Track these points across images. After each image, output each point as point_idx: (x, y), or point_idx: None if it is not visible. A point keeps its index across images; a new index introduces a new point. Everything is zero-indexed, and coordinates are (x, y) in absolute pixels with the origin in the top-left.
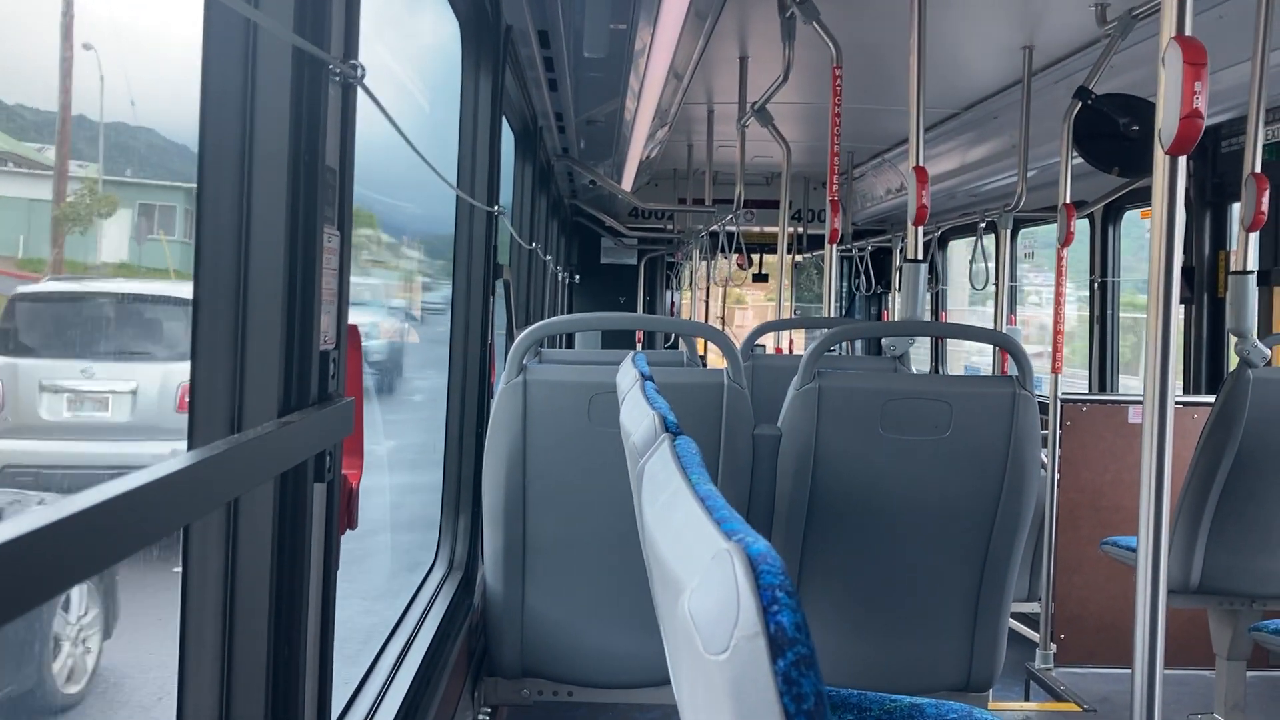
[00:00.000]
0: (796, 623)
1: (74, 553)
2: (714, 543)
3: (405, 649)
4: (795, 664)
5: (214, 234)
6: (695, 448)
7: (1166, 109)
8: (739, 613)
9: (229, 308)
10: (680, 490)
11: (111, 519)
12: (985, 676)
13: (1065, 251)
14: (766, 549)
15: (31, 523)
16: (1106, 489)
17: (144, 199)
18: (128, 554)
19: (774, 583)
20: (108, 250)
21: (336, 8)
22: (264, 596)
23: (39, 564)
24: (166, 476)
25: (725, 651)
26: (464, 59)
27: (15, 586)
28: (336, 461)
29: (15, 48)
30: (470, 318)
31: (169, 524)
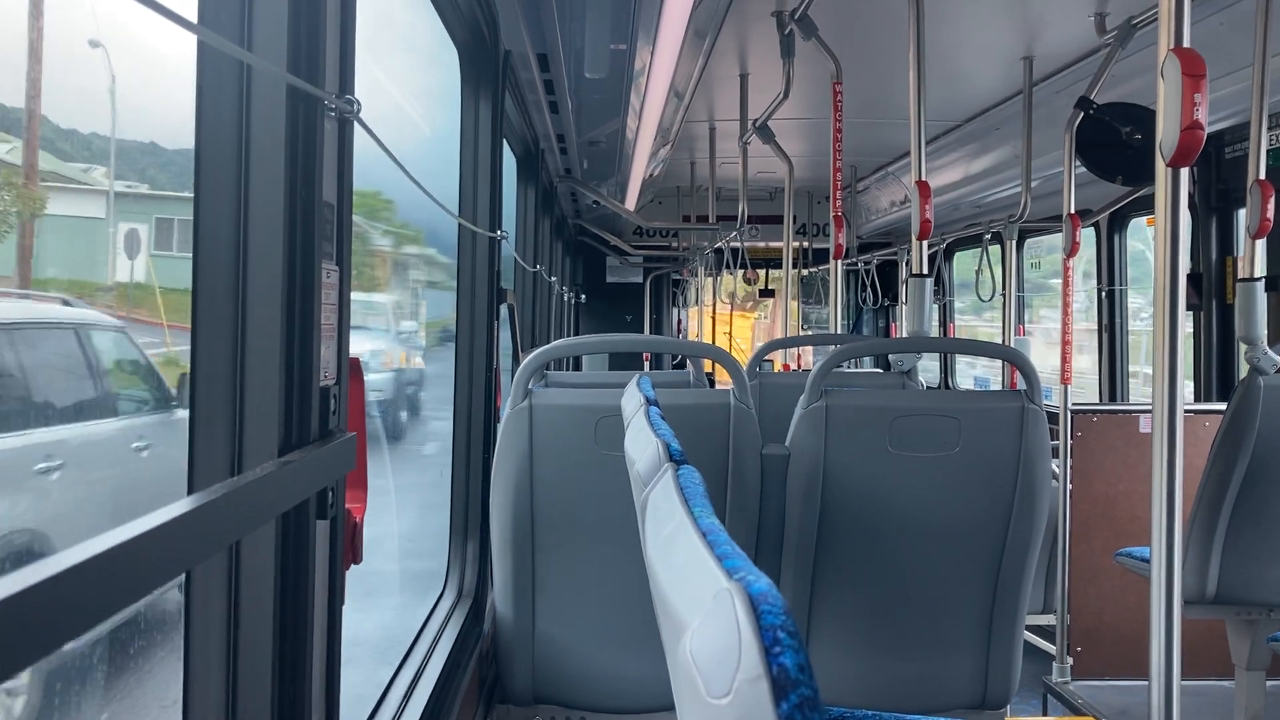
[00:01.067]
0: (799, 664)
1: (76, 604)
2: (715, 581)
3: (416, 678)
4: (799, 706)
5: (211, 273)
6: (699, 478)
7: (1167, 121)
8: (740, 655)
9: (227, 347)
10: (683, 524)
11: (112, 568)
12: (1001, 693)
13: (1071, 261)
14: (768, 588)
15: (33, 576)
16: (1120, 499)
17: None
18: (130, 603)
19: (776, 623)
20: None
21: (331, 44)
22: (267, 636)
23: (41, 617)
24: (168, 523)
25: (728, 695)
26: (463, 86)
27: (18, 640)
28: (339, 497)
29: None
30: (475, 343)
31: (171, 570)
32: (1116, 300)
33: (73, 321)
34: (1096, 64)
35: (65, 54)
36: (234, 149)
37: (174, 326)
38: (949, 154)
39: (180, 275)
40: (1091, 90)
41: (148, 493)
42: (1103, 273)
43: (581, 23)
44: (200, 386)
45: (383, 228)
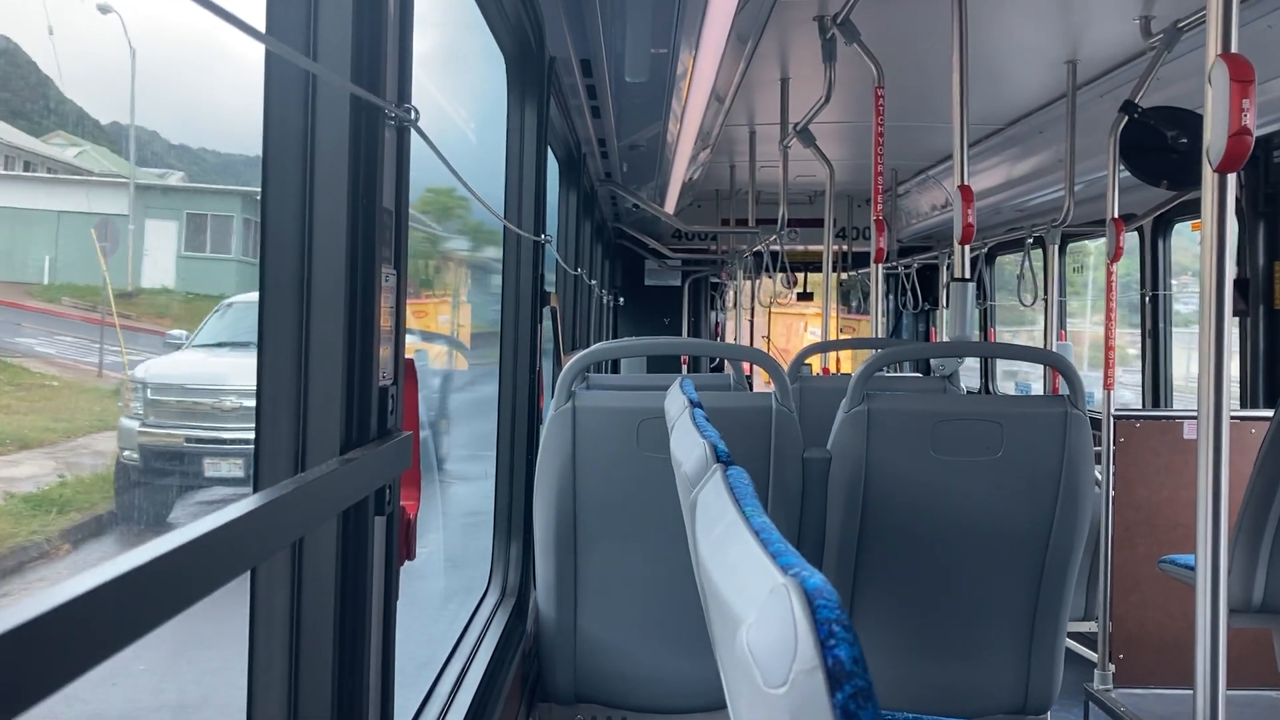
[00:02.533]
0: (854, 656)
1: (148, 599)
2: (770, 577)
3: (461, 676)
4: (853, 696)
5: (277, 276)
6: (747, 478)
7: (1214, 127)
8: (797, 647)
9: (292, 348)
10: (735, 523)
11: (183, 564)
12: (1043, 698)
13: (1115, 266)
14: (823, 583)
15: (106, 573)
16: (1163, 506)
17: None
18: (199, 598)
19: (831, 616)
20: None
21: (391, 55)
22: (328, 630)
23: (115, 612)
24: (235, 520)
25: (784, 685)
26: (509, 93)
27: (96, 635)
28: (395, 494)
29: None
30: (519, 345)
31: (238, 566)
32: (1160, 305)
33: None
34: (1141, 67)
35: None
36: (299, 156)
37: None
38: (991, 157)
39: (209, 279)
40: (1136, 94)
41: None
42: (1146, 278)
43: (623, 27)
44: (265, 386)
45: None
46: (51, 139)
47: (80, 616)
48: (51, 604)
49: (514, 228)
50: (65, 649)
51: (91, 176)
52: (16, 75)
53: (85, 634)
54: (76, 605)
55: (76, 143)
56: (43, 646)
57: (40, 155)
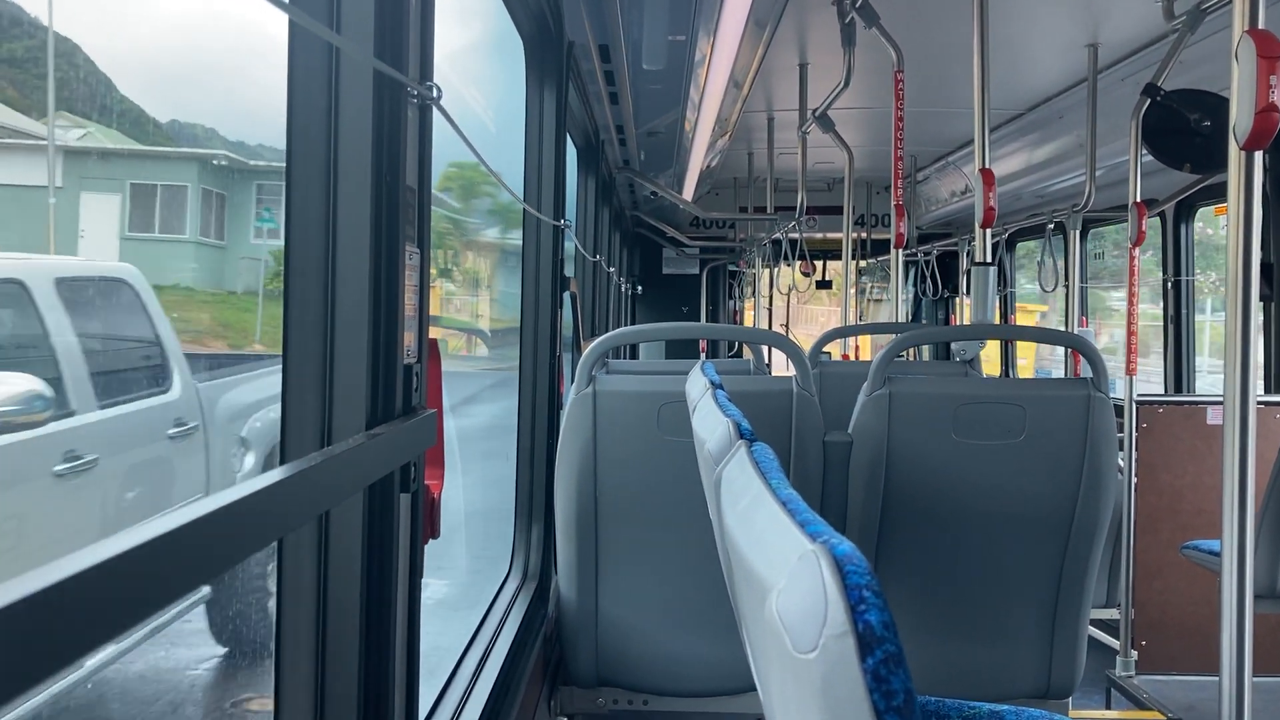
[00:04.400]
0: (884, 621)
1: (178, 564)
2: (799, 544)
3: (484, 658)
4: (884, 661)
5: (302, 253)
6: (772, 453)
7: (1241, 104)
8: (827, 612)
9: (318, 325)
10: (761, 494)
11: (215, 530)
12: (1065, 683)
13: (1138, 251)
14: (852, 550)
15: (141, 535)
16: (1186, 492)
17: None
18: (231, 565)
19: (861, 582)
20: None
21: (413, 31)
22: (355, 604)
23: (149, 575)
24: (264, 489)
25: (814, 650)
26: (528, 76)
27: (129, 598)
28: (420, 472)
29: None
30: (539, 330)
31: (267, 535)
32: (1183, 291)
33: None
34: (1163, 50)
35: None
36: (323, 133)
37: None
38: (1011, 143)
39: (167, 265)
40: (1159, 77)
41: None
42: (1169, 263)
43: (641, 13)
44: (292, 362)
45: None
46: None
47: (111, 580)
48: (83, 565)
49: (534, 211)
50: (95, 612)
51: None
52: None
53: (116, 596)
54: (108, 567)
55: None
56: (73, 608)
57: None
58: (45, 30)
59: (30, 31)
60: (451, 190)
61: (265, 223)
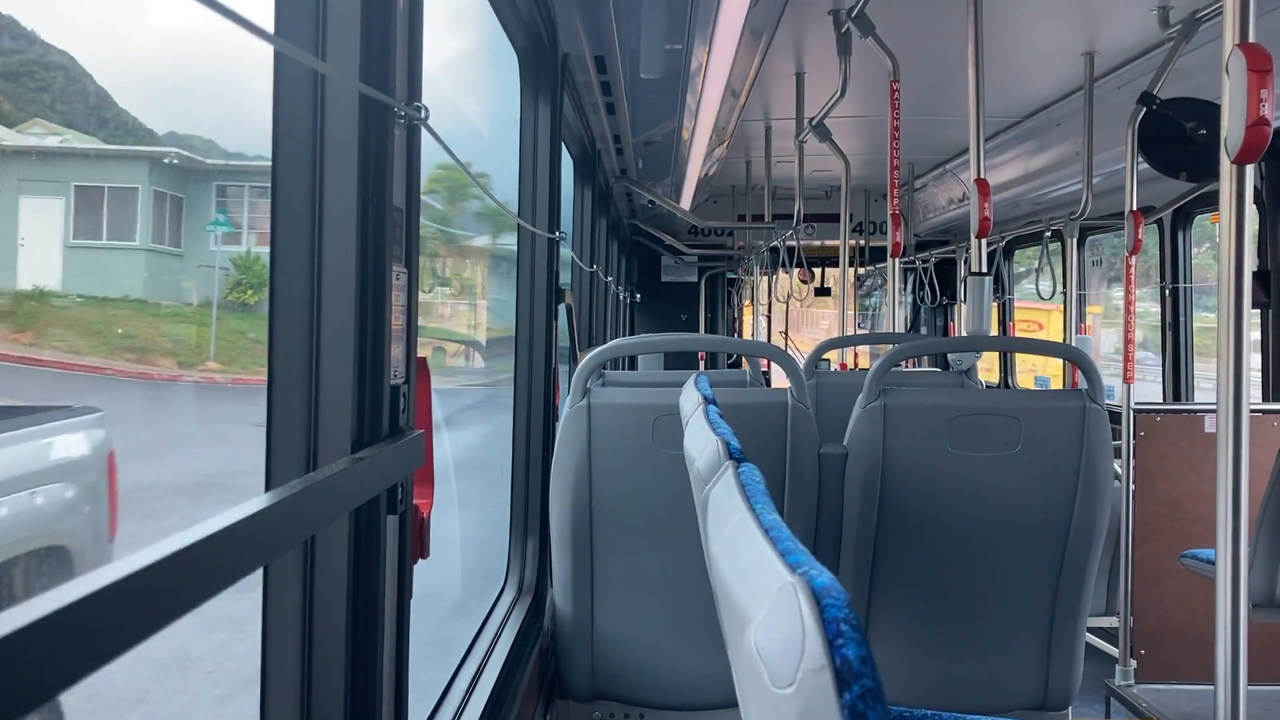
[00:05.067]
0: (862, 655)
1: (160, 596)
2: (779, 576)
3: (478, 673)
4: (861, 696)
5: (288, 274)
6: (759, 475)
7: (1232, 117)
8: (804, 646)
9: (303, 346)
10: (745, 521)
11: (197, 560)
12: (1063, 694)
13: (1134, 259)
14: (831, 582)
15: (123, 568)
16: (1184, 500)
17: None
18: (213, 594)
19: (839, 616)
20: None
21: (400, 54)
22: (341, 628)
23: (127, 609)
24: (248, 518)
25: (792, 685)
26: (523, 90)
27: (108, 632)
28: (408, 493)
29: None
30: (534, 342)
31: (251, 563)
32: (1181, 298)
33: None
34: (1159, 59)
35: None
36: (308, 156)
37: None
38: (1008, 151)
39: (107, 276)
40: (1154, 85)
41: None
42: (1166, 270)
43: (638, 24)
44: (277, 385)
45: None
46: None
47: (92, 613)
48: (63, 601)
49: (528, 225)
50: (78, 645)
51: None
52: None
53: (97, 630)
54: (89, 603)
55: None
56: (56, 643)
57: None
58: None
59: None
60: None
61: (219, 226)
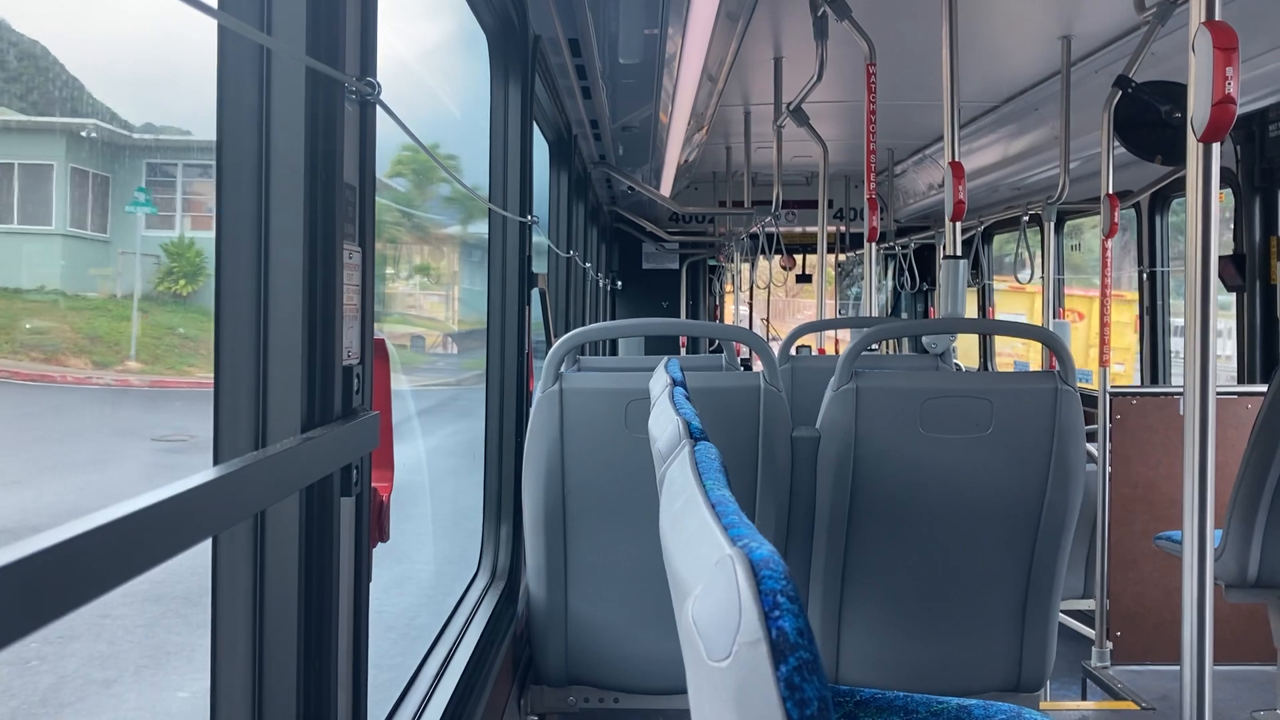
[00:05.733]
0: (799, 628)
1: (106, 560)
2: (718, 548)
3: (448, 659)
4: (798, 669)
5: (233, 252)
6: (715, 453)
7: (1198, 96)
8: (740, 619)
9: (250, 325)
10: (693, 497)
11: (142, 528)
12: (1036, 676)
13: (1110, 243)
14: (770, 554)
15: (65, 532)
16: (1160, 483)
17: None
18: (158, 562)
19: (776, 588)
20: None
21: (351, 27)
22: (293, 608)
23: (72, 571)
24: (193, 489)
25: (728, 658)
26: (492, 69)
27: (48, 593)
28: (365, 475)
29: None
30: (506, 327)
31: (195, 535)
32: (1158, 282)
33: None
34: (1135, 42)
35: None
36: (255, 133)
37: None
38: (986, 135)
39: (18, 265)
40: (1130, 69)
41: None
42: (1144, 254)
43: (614, 7)
44: (224, 364)
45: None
46: None
47: (34, 574)
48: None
49: (498, 209)
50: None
51: None
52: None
53: (39, 591)
54: (30, 563)
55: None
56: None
57: None
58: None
59: None
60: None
61: (141, 207)
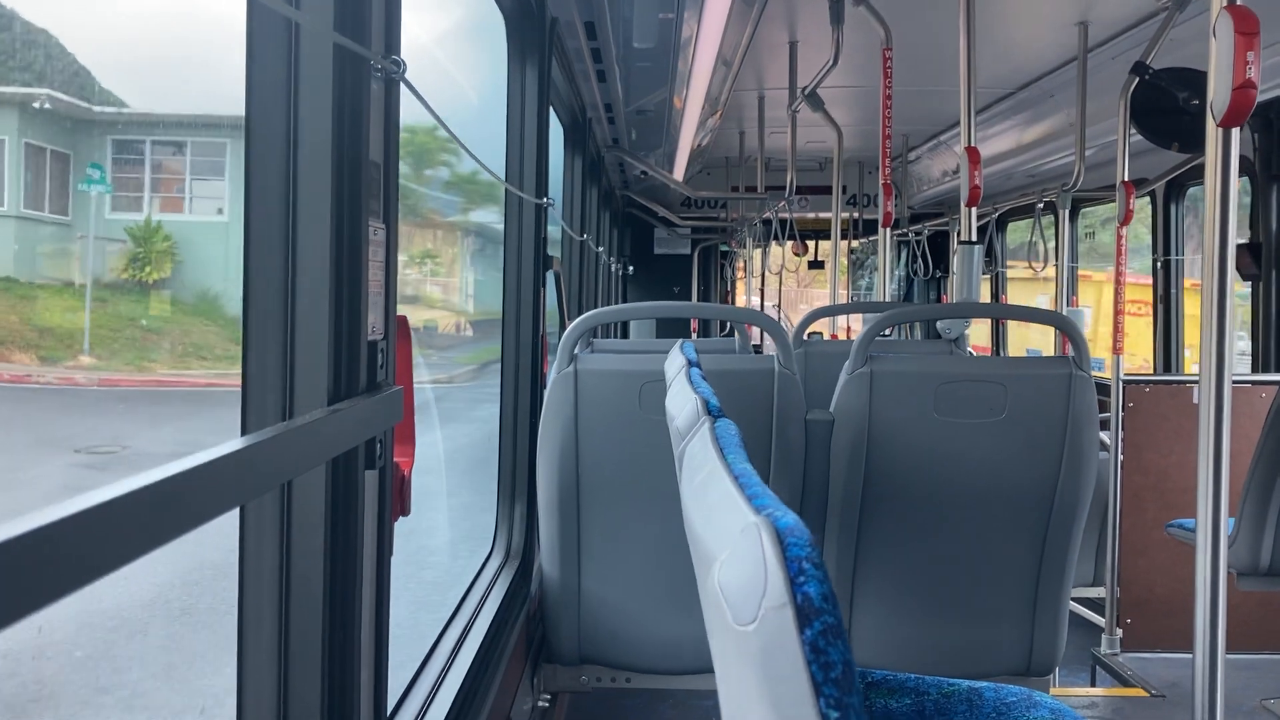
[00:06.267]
0: (824, 593)
1: (136, 527)
2: (744, 517)
3: (462, 637)
4: (823, 633)
5: (262, 228)
6: (735, 429)
7: (1218, 80)
8: (766, 583)
9: (278, 300)
10: (715, 469)
11: (171, 496)
12: (1047, 661)
13: (1125, 230)
14: (795, 522)
15: (96, 497)
16: (1172, 471)
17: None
18: (186, 530)
19: (801, 554)
20: None
21: (377, 5)
22: (319, 579)
23: (104, 537)
24: (222, 458)
25: (754, 622)
26: (509, 52)
27: (81, 557)
28: (388, 449)
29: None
30: (521, 309)
31: (224, 503)
32: (1173, 270)
33: None
34: (1153, 28)
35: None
36: (283, 108)
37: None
38: (1001, 122)
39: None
40: (1148, 55)
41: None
42: (1158, 242)
43: None
44: (252, 336)
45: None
46: None
47: (66, 539)
48: (35, 525)
49: (515, 190)
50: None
51: None
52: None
53: (70, 556)
54: (62, 527)
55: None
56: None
57: None
58: None
59: None
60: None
61: (95, 185)
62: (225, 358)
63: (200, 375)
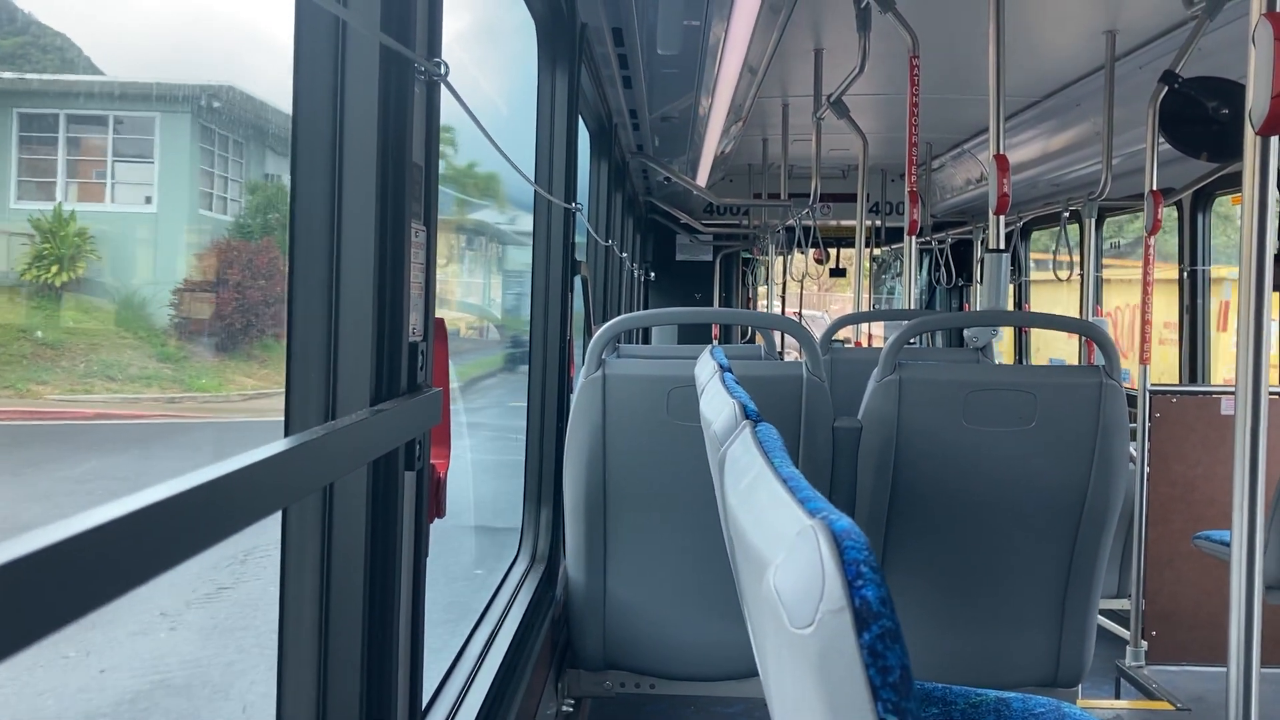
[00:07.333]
0: (881, 597)
1: (185, 528)
2: (798, 520)
3: (490, 640)
4: (880, 637)
5: (307, 229)
6: (777, 434)
7: (1257, 88)
8: (824, 587)
9: (322, 302)
10: (763, 473)
11: (218, 498)
12: (1073, 672)
13: (1153, 240)
14: (850, 525)
15: (145, 499)
16: (1199, 482)
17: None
18: (233, 532)
19: (859, 558)
20: None
21: (421, 7)
22: (359, 579)
23: (153, 538)
24: (267, 459)
25: (811, 625)
26: (540, 57)
27: (132, 559)
28: (425, 450)
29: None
30: (550, 313)
31: (270, 505)
32: (1200, 281)
33: None
34: (1182, 37)
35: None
36: (329, 109)
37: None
38: (1027, 130)
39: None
40: (1177, 64)
41: None
42: (1185, 253)
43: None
44: (297, 338)
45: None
46: None
47: (111, 542)
48: (82, 528)
49: (545, 193)
50: (96, 574)
51: None
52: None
53: (115, 560)
54: (107, 530)
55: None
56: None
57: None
58: None
59: None
60: None
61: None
62: (140, 377)
63: (95, 405)
